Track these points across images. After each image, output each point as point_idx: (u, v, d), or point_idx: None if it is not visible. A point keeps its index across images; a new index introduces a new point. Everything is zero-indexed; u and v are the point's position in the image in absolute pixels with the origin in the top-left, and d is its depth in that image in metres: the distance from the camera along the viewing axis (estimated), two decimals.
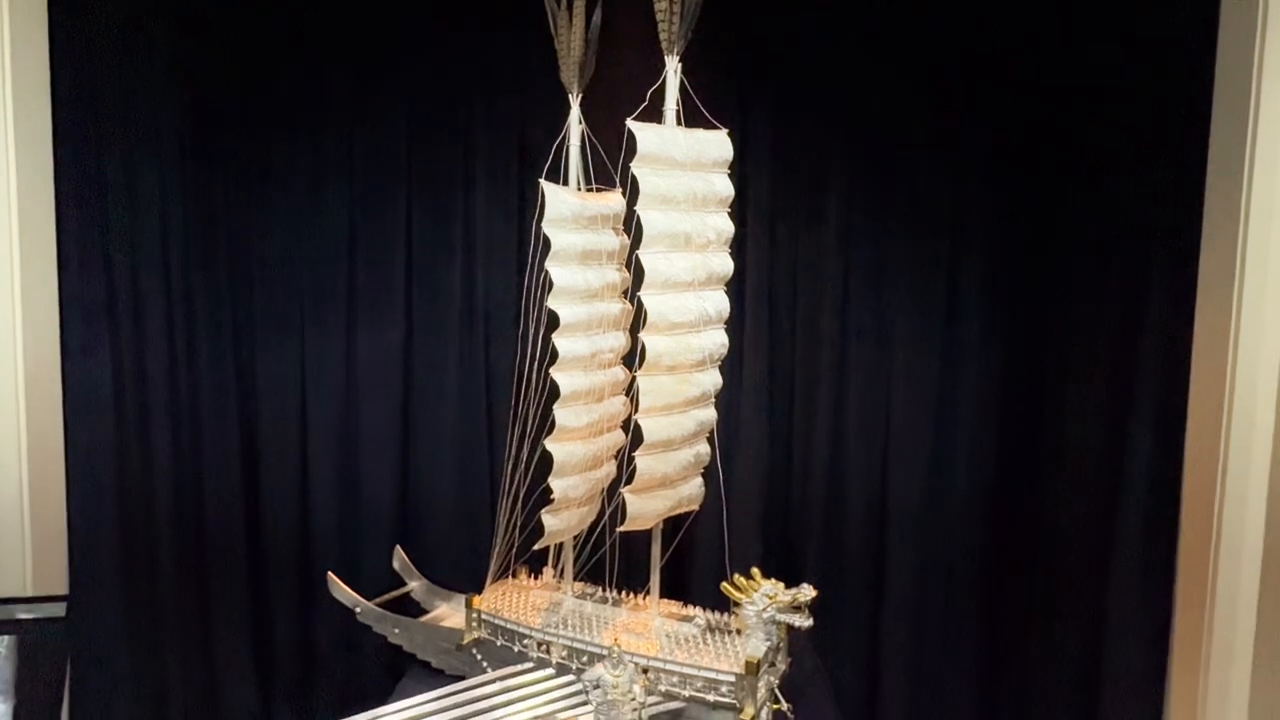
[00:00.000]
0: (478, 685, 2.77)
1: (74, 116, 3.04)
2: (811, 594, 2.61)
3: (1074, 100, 3.26)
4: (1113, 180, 3.14)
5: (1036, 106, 3.34)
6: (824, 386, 3.62)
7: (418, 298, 3.69)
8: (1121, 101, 3.09)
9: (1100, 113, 3.18)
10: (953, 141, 3.47)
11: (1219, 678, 2.61)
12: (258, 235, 3.63)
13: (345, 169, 3.64)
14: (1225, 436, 2.57)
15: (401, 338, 3.68)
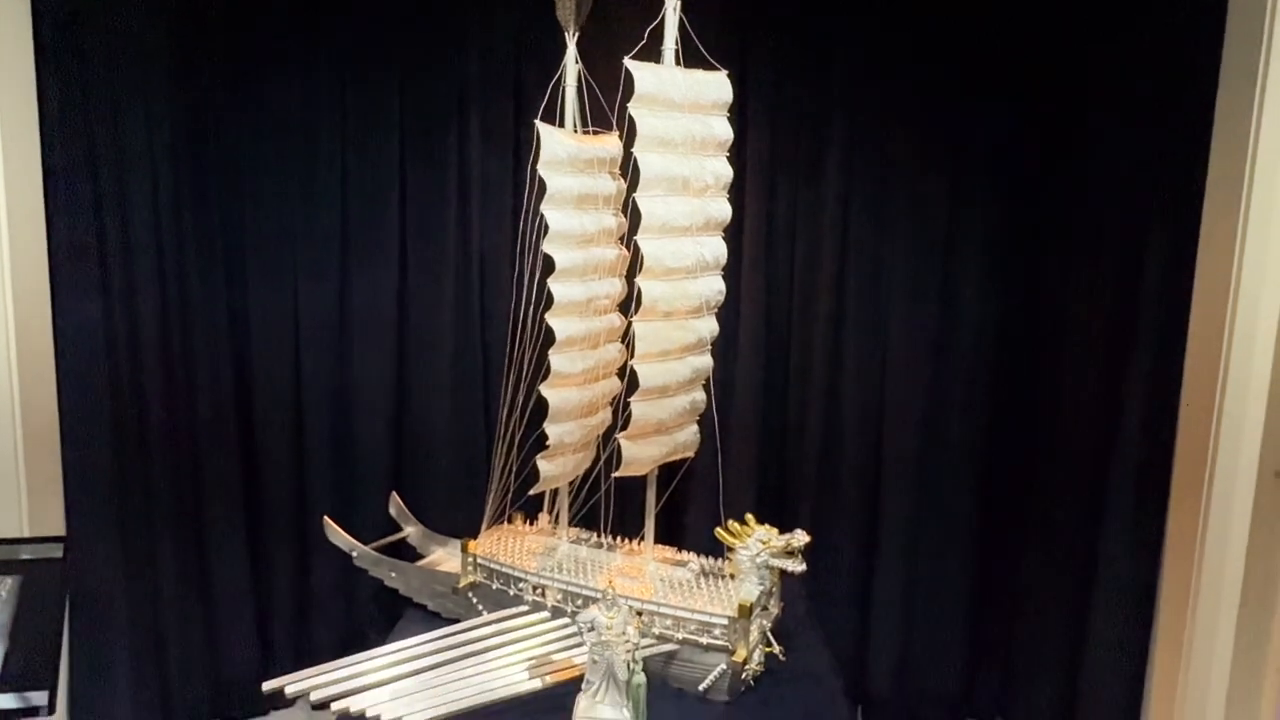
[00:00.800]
0: (474, 627, 2.80)
1: (58, 60, 2.95)
2: (805, 539, 2.63)
3: (1080, 43, 3.19)
4: (1118, 123, 3.08)
5: (1043, 51, 3.28)
6: (821, 335, 3.60)
7: (412, 241, 3.63)
8: (1130, 43, 3.02)
9: (1107, 55, 3.11)
10: (958, 89, 3.39)
11: (1207, 611, 2.65)
12: (249, 178, 3.55)
13: (337, 109, 3.55)
14: (1223, 370, 2.55)
15: (396, 282, 3.64)
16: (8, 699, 2.50)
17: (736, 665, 2.56)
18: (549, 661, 2.59)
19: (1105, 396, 3.06)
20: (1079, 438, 3.23)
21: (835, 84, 3.49)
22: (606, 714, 2.27)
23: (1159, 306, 2.87)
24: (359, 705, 2.41)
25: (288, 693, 2.51)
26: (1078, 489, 3.21)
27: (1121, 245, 3.06)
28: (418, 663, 2.61)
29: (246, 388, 3.70)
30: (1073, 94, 3.27)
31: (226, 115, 3.48)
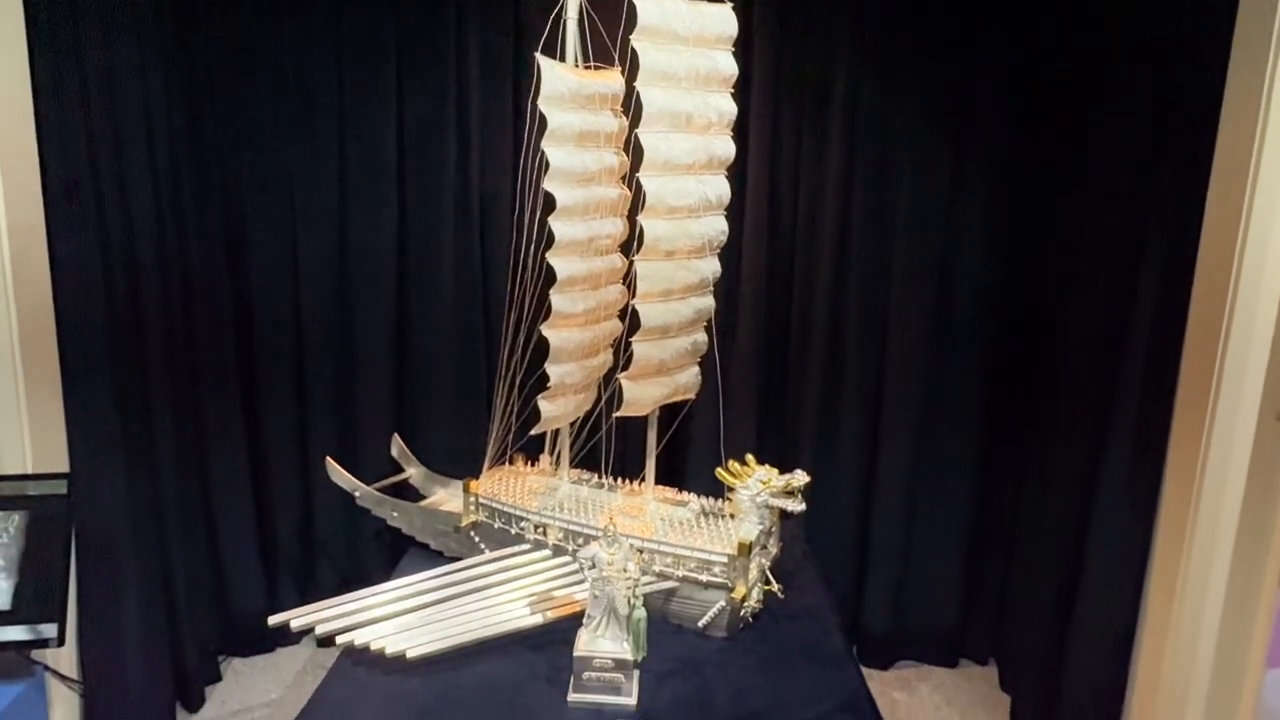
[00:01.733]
0: (476, 565, 2.83)
1: None
2: (804, 479, 2.64)
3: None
4: (1131, 53, 3.00)
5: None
6: (824, 277, 3.58)
7: (410, 181, 3.58)
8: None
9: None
10: (967, 21, 3.32)
11: (1201, 557, 2.67)
12: (245, 118, 3.49)
13: (332, 48, 3.47)
14: (1228, 313, 2.52)
15: (395, 223, 3.61)
16: (18, 631, 2.55)
17: (735, 602, 2.59)
18: (550, 598, 2.63)
19: (1108, 338, 3.04)
20: (1080, 380, 3.22)
21: (841, 19, 3.40)
22: (607, 647, 2.31)
23: (1167, 240, 2.81)
24: (363, 639, 2.45)
25: (293, 627, 2.54)
26: (1077, 433, 3.21)
27: (1132, 171, 2.99)
28: (421, 598, 2.65)
29: (246, 330, 3.69)
30: (1085, 25, 3.19)
31: (221, 55, 3.40)
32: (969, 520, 3.82)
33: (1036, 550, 3.49)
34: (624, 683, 2.31)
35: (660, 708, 2.29)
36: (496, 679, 2.40)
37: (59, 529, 2.62)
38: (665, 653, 2.52)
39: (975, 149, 3.45)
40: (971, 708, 3.69)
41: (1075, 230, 3.30)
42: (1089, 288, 3.19)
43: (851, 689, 2.42)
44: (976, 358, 3.65)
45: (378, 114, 3.51)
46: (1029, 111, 3.41)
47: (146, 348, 3.18)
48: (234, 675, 3.81)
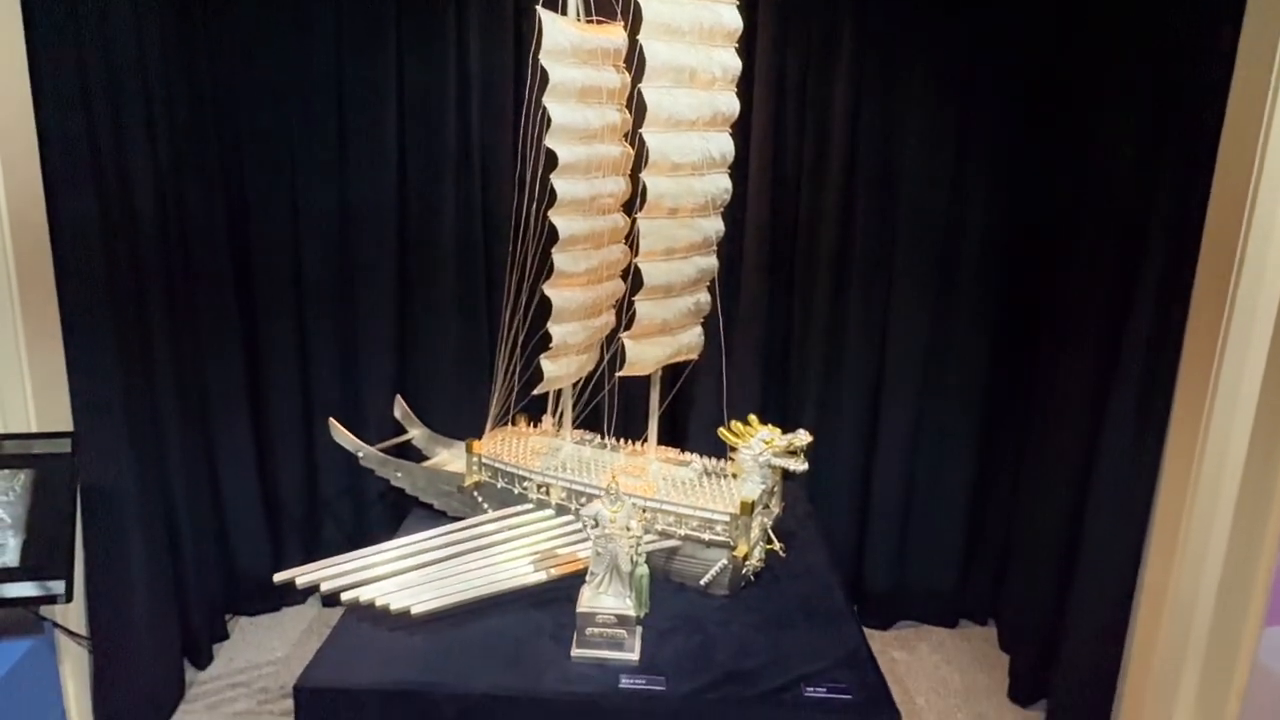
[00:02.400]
0: (479, 523, 2.85)
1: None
2: (807, 439, 2.64)
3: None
4: (1140, 24, 2.95)
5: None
6: (828, 237, 3.55)
7: (411, 138, 3.54)
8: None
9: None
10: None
11: (1202, 517, 2.68)
12: (243, 73, 3.45)
13: (331, 1, 3.42)
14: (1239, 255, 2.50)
15: (395, 180, 3.57)
16: (26, 587, 2.57)
17: (737, 561, 2.61)
18: (554, 555, 2.64)
19: (1113, 298, 3.02)
20: (1085, 340, 3.21)
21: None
22: (610, 603, 2.33)
23: (1178, 179, 2.78)
24: (368, 595, 2.47)
25: (298, 584, 2.56)
26: (1080, 396, 3.20)
27: (1142, 127, 2.95)
28: (425, 556, 2.67)
29: (248, 288, 3.68)
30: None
31: (220, 10, 3.35)
32: (970, 482, 3.83)
33: (1037, 512, 3.50)
34: (626, 638, 2.33)
35: (662, 663, 2.31)
36: (500, 635, 2.42)
37: (64, 487, 2.63)
38: (667, 610, 2.55)
39: (982, 104, 3.40)
40: (970, 666, 3.73)
41: (1083, 179, 3.25)
42: (1096, 239, 3.15)
43: (852, 646, 2.43)
44: (981, 317, 3.63)
45: (377, 70, 3.46)
46: (1038, 69, 3.35)
47: (147, 308, 3.17)
48: (241, 634, 3.86)
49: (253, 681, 3.51)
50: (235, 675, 3.55)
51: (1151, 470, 2.87)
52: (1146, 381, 2.86)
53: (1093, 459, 3.07)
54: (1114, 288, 3.01)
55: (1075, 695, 3.10)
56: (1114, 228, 3.05)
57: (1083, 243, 3.24)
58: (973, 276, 3.58)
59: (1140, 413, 2.88)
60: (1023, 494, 3.70)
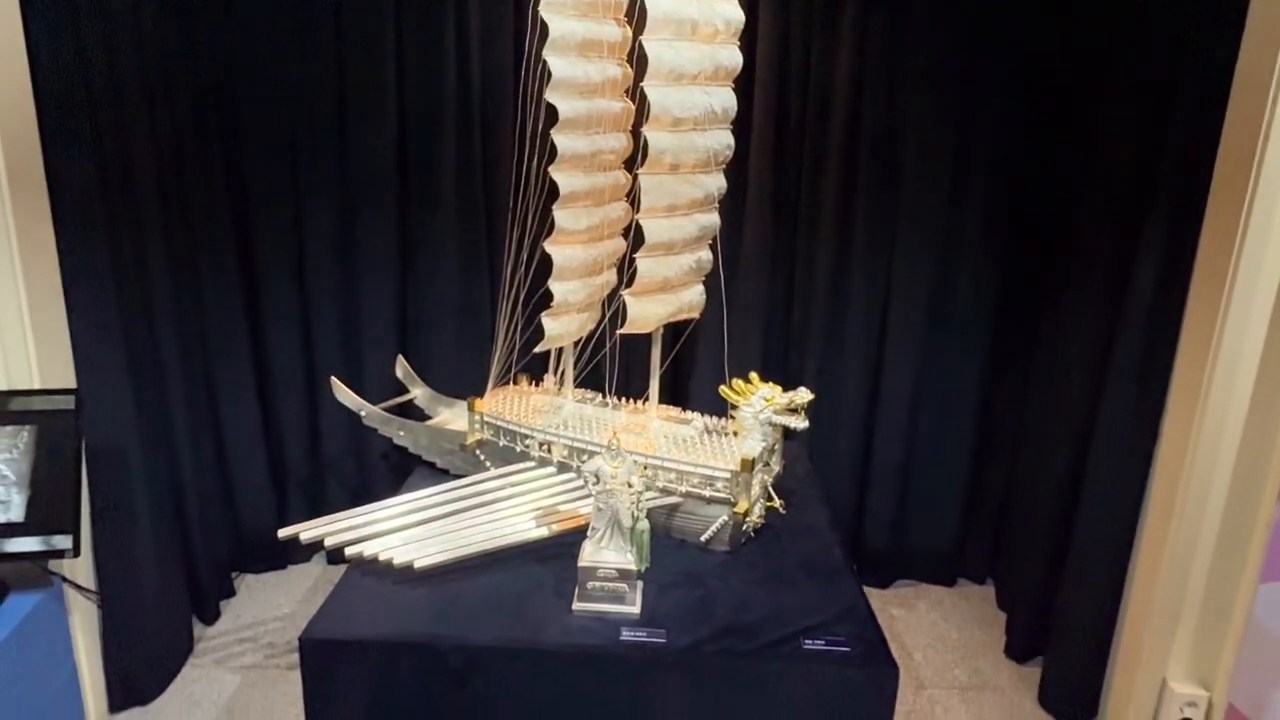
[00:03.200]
0: (482, 480, 2.86)
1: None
2: (808, 396, 2.64)
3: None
4: None
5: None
6: (830, 193, 3.52)
7: (410, 94, 3.50)
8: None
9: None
10: None
11: (1200, 480, 2.69)
12: (240, 31, 3.41)
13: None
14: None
15: (395, 137, 3.54)
16: (33, 542, 2.60)
17: (738, 517, 2.62)
18: (555, 512, 2.66)
19: (1115, 261, 3.00)
20: (1085, 306, 3.20)
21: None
22: (611, 558, 2.34)
23: (1185, 132, 2.73)
24: (372, 550, 2.49)
25: (302, 539, 2.58)
26: (1081, 358, 3.19)
27: (1150, 86, 2.91)
28: (428, 512, 2.68)
29: (248, 248, 3.67)
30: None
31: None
32: (971, 443, 3.85)
33: (1037, 473, 3.51)
34: (627, 592, 2.35)
35: (663, 616, 2.33)
36: (503, 589, 2.44)
37: (68, 444, 2.65)
38: (668, 566, 2.57)
39: (991, 58, 3.35)
40: (968, 624, 3.78)
41: (1091, 135, 3.22)
42: (1102, 196, 3.12)
43: (851, 601, 2.45)
44: (984, 278, 3.62)
45: (375, 22, 3.41)
46: (1049, 30, 3.30)
47: (149, 267, 3.16)
48: (247, 590, 3.91)
49: (260, 637, 3.56)
50: (242, 631, 3.61)
51: (1151, 431, 2.88)
52: (1148, 342, 2.85)
53: (1093, 421, 3.07)
54: (1117, 250, 2.99)
55: (1071, 651, 3.14)
56: (1119, 186, 3.02)
57: (1089, 198, 3.21)
58: (977, 238, 3.56)
59: (1141, 374, 2.88)
60: (1023, 455, 3.71)
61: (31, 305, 2.64)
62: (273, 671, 3.32)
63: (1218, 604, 2.75)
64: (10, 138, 2.58)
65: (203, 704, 3.13)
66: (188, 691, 3.20)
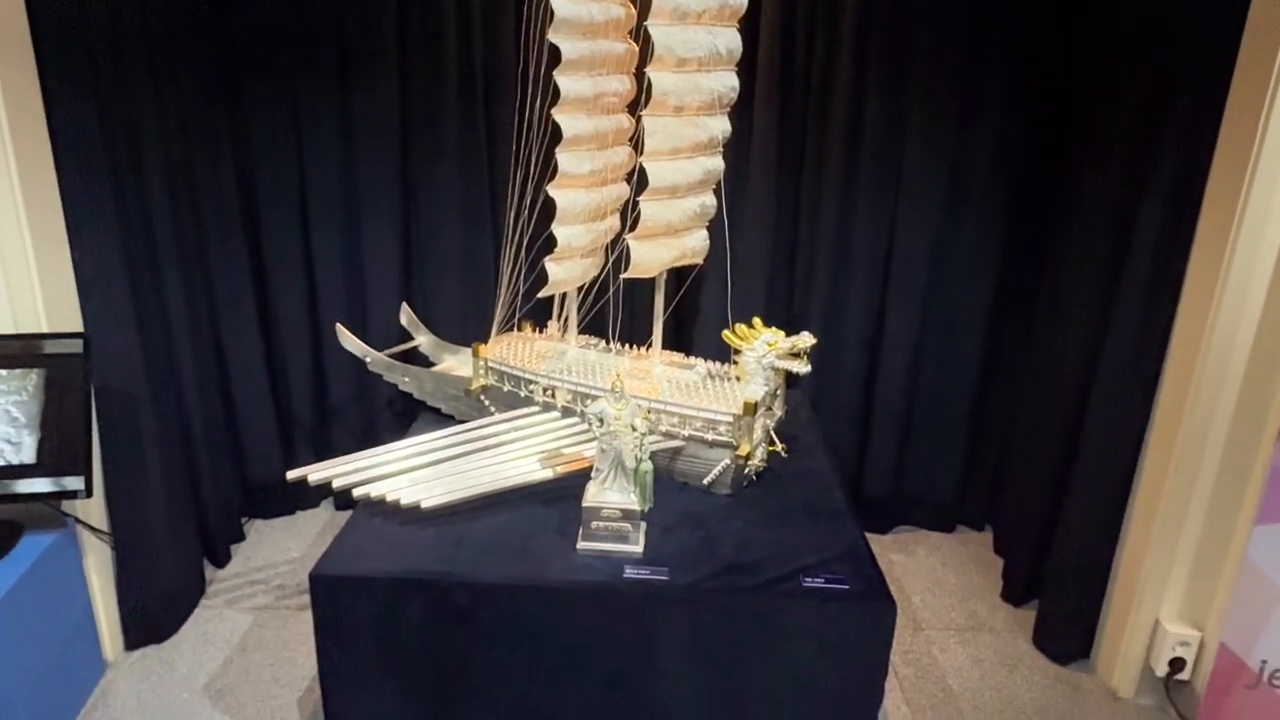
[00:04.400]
0: (487, 424, 2.89)
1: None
2: (811, 341, 2.64)
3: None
4: None
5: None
6: (836, 137, 3.49)
7: (411, 41, 3.45)
8: None
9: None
10: None
11: (1197, 429, 2.71)
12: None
13: None
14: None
15: (397, 88, 3.48)
16: (44, 483, 2.64)
17: (740, 461, 2.65)
18: (559, 455, 2.69)
19: (1120, 209, 2.99)
20: (1088, 256, 3.18)
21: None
22: (615, 498, 2.38)
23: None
24: (379, 491, 2.52)
25: (310, 480, 2.61)
26: (1083, 308, 3.19)
27: (1157, 48, 2.87)
28: (434, 455, 2.72)
29: (251, 196, 3.65)
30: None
31: None
32: (971, 391, 3.86)
33: (1037, 421, 3.53)
34: (631, 532, 2.39)
35: (665, 555, 2.38)
36: (508, 529, 2.49)
37: (77, 387, 2.68)
38: (671, 508, 2.61)
39: (1000, 8, 3.29)
40: (965, 569, 3.83)
41: (1097, 86, 3.18)
42: (1106, 152, 3.10)
43: (851, 541, 2.50)
44: (989, 228, 3.60)
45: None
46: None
47: (152, 215, 3.16)
48: (257, 536, 3.98)
49: (270, 579, 3.63)
50: (253, 574, 3.67)
51: (1152, 376, 2.89)
52: (1151, 288, 2.85)
53: (1093, 370, 3.08)
54: (1122, 198, 2.97)
55: (1066, 594, 3.20)
56: (1129, 125, 2.99)
57: (1095, 146, 3.19)
58: (982, 189, 3.53)
59: (1144, 321, 2.88)
60: (1024, 403, 3.73)
61: (37, 250, 2.65)
62: (284, 612, 3.39)
63: (1213, 546, 2.79)
64: (10, 84, 2.56)
65: (216, 642, 3.21)
66: (201, 630, 3.28)
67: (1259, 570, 2.66)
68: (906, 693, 3.04)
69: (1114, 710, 2.98)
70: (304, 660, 3.08)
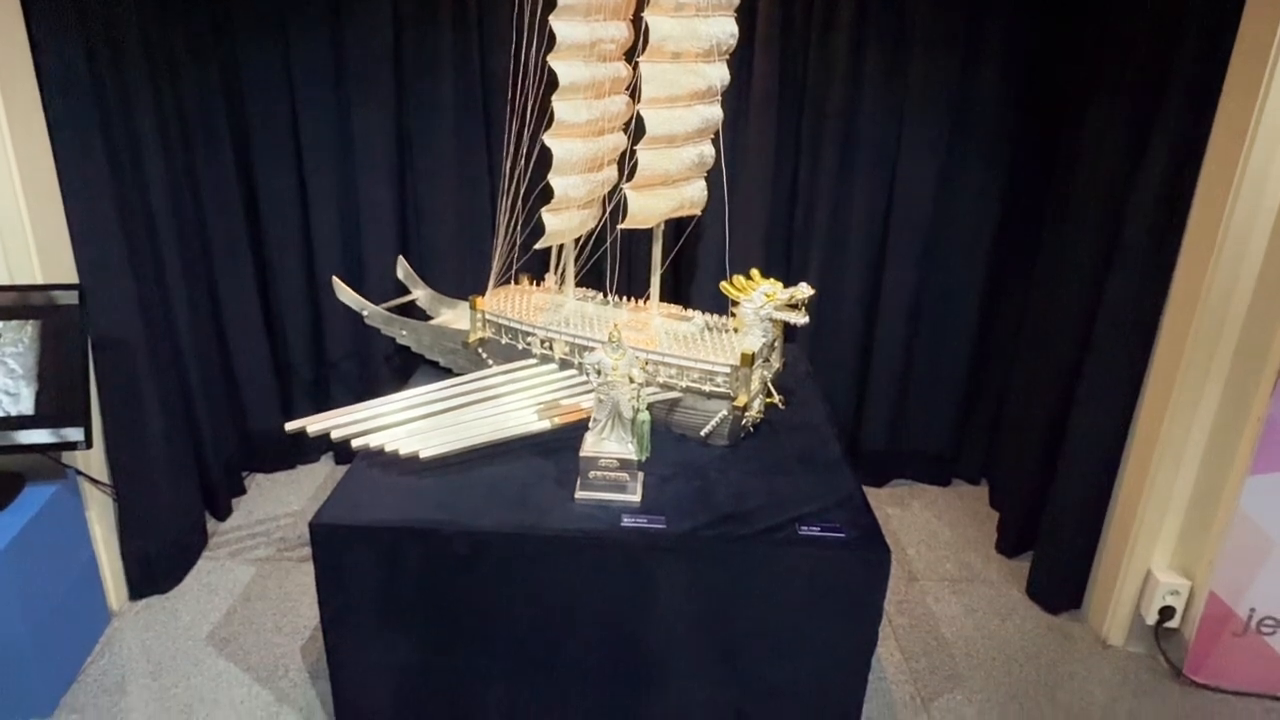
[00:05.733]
0: (485, 376, 2.89)
1: None
2: (809, 292, 2.63)
3: None
4: None
5: None
6: (837, 87, 3.44)
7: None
8: None
9: None
10: None
11: (1192, 386, 2.72)
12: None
13: None
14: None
15: (391, 36, 3.42)
16: (44, 434, 2.65)
17: (738, 411, 2.66)
18: (557, 406, 2.69)
19: (1123, 164, 2.96)
20: (1089, 206, 3.16)
21: None
22: (612, 448, 2.39)
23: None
24: (378, 441, 2.53)
25: (309, 432, 2.62)
26: (1083, 258, 3.18)
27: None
28: (433, 406, 2.72)
29: (244, 148, 3.61)
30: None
31: None
32: (970, 345, 3.86)
33: (1035, 371, 3.53)
34: (628, 481, 2.40)
35: (663, 504, 2.39)
36: (507, 479, 2.50)
37: (74, 338, 2.67)
38: (668, 459, 2.62)
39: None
40: (960, 521, 3.87)
41: (1100, 32, 3.14)
42: (1110, 99, 3.06)
43: (847, 491, 2.51)
44: (989, 183, 3.57)
45: None
46: None
47: (144, 166, 3.13)
48: (258, 489, 4.01)
49: (271, 532, 3.67)
50: (255, 526, 3.71)
51: (1149, 331, 2.89)
52: (1151, 241, 2.83)
53: (1091, 323, 3.08)
54: (1126, 148, 2.94)
55: (1059, 545, 3.23)
56: (1129, 82, 2.95)
57: (1097, 98, 3.15)
58: (983, 141, 3.49)
59: (1142, 273, 2.87)
60: (1021, 357, 3.73)
61: (29, 200, 2.62)
62: (285, 563, 3.43)
63: (1207, 497, 2.82)
64: (5, 32, 2.52)
65: (220, 592, 3.25)
66: (205, 581, 3.31)
67: (1251, 520, 2.69)
68: (900, 640, 3.09)
69: (1103, 657, 3.04)
70: (306, 610, 3.13)
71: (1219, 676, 2.87)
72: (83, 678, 2.81)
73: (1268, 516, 2.68)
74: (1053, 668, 2.97)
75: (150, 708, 2.70)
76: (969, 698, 2.83)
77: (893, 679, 2.90)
